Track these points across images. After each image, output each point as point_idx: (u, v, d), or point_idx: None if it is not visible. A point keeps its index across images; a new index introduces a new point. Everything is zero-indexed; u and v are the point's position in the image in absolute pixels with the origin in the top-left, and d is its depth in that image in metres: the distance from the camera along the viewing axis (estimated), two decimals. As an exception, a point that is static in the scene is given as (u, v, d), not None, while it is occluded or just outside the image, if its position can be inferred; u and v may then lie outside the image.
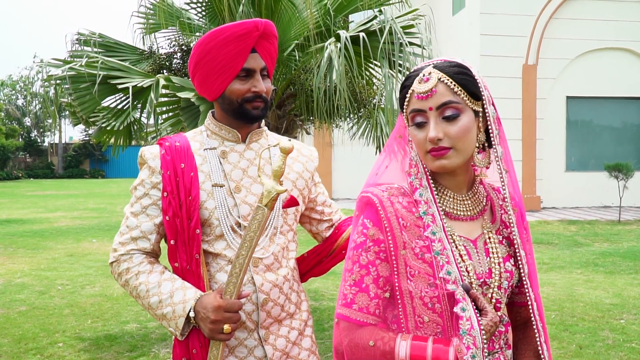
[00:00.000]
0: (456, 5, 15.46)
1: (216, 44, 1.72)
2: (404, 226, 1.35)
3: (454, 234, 1.38)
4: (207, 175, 1.76)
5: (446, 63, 1.36)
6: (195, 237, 1.70)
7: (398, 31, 3.65)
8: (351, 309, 1.35)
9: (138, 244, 1.74)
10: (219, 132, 1.83)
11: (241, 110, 1.77)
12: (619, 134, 15.05)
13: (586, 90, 14.54)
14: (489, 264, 1.38)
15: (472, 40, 14.21)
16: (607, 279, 6.85)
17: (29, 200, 19.17)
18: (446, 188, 1.42)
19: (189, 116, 3.65)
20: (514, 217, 1.40)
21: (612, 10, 14.21)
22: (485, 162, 1.40)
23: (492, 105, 1.38)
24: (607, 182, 12.73)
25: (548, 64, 14.12)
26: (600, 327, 5.05)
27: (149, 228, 1.74)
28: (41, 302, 6.01)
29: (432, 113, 1.34)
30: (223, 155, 1.80)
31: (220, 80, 1.75)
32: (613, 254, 8.35)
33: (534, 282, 1.41)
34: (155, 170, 1.76)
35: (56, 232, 11.21)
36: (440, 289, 1.30)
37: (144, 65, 4.74)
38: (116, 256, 1.75)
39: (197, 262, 1.71)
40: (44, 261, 8.32)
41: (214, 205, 1.73)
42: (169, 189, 1.71)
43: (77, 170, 38.46)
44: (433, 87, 1.33)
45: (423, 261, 1.33)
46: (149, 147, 1.83)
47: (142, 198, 1.76)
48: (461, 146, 1.34)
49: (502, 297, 1.39)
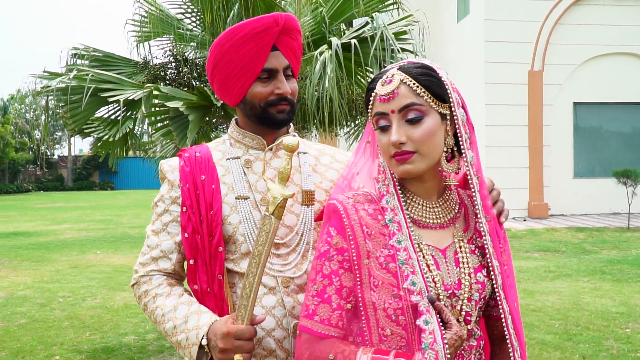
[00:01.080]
0: (460, 12, 15.41)
1: (233, 44, 1.57)
2: (368, 234, 1.30)
3: (422, 242, 1.32)
4: (230, 187, 1.62)
5: (411, 64, 1.32)
6: (218, 256, 1.55)
7: (390, 37, 3.61)
8: (313, 320, 1.30)
9: (159, 265, 1.61)
10: (243, 139, 1.69)
11: (265, 114, 1.61)
12: (628, 140, 14.87)
13: (593, 96, 14.38)
14: (459, 274, 1.31)
15: (477, 46, 14.13)
16: (614, 287, 6.74)
17: (37, 212, 19.27)
18: (415, 195, 1.37)
19: (178, 126, 3.63)
20: (486, 225, 1.34)
21: (618, 15, 14.08)
22: (453, 167, 1.34)
23: (462, 108, 1.33)
24: (615, 188, 12.55)
25: (554, 70, 14.00)
26: (605, 336, 4.95)
27: (170, 247, 1.61)
28: (41, 314, 6.00)
29: (394, 116, 1.29)
30: (247, 164, 1.65)
31: (240, 83, 1.60)
32: (621, 262, 8.22)
33: (509, 294, 1.34)
34: (174, 184, 1.63)
35: (61, 244, 11.23)
36: (405, 300, 1.24)
37: (140, 77, 4.74)
38: (136, 278, 1.63)
39: (220, 283, 1.55)
40: (48, 273, 8.32)
41: (238, 220, 1.58)
42: (188, 203, 1.58)
43: (86, 182, 38.68)
44: (395, 89, 1.29)
45: (387, 271, 1.27)
46: (168, 160, 1.71)
47: (162, 215, 1.63)
48: (425, 150, 1.28)
49: (473, 309, 1.32)
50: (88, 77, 3.78)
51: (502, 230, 1.41)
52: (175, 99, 3.61)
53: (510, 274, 1.38)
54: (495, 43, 13.69)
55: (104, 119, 4.38)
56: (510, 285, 1.36)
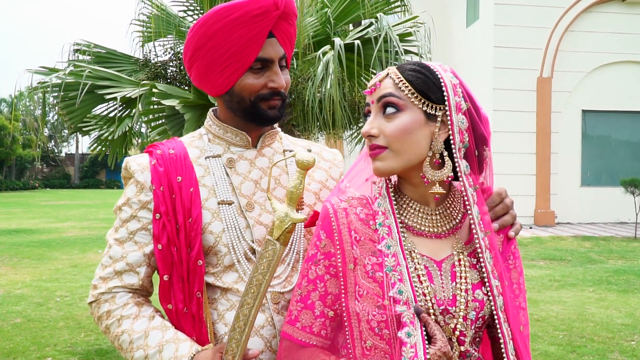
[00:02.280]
0: (470, 17, 15.31)
1: (222, 27, 1.36)
2: (356, 240, 1.21)
3: (414, 250, 1.22)
4: (210, 190, 1.42)
5: (409, 63, 1.25)
6: (197, 270, 1.35)
7: (394, 39, 3.52)
8: (294, 327, 1.22)
9: (123, 280, 1.38)
10: (223, 135, 1.48)
11: (254, 110, 1.42)
12: (636, 149, 14.72)
13: (602, 104, 14.26)
14: (454, 290, 1.20)
15: (486, 52, 14.03)
16: (619, 298, 6.62)
17: (41, 210, 19.29)
18: (410, 199, 1.27)
19: (174, 125, 3.55)
20: (486, 240, 1.23)
21: (628, 23, 13.95)
22: (438, 175, 1.22)
23: (465, 115, 1.22)
24: (623, 197, 12.41)
25: (563, 77, 13.88)
26: (609, 348, 4.84)
27: (137, 259, 1.39)
28: (37, 314, 5.93)
29: (373, 107, 1.23)
30: (230, 164, 1.45)
31: (228, 72, 1.39)
32: (627, 272, 8.09)
33: (513, 316, 1.22)
34: (144, 186, 1.40)
35: (63, 242, 11.19)
36: (389, 310, 1.14)
37: (140, 75, 4.68)
38: (96, 295, 1.39)
39: (199, 302, 1.35)
40: (47, 272, 8.26)
41: (221, 228, 1.38)
42: (163, 209, 1.36)
43: (93, 180, 38.85)
44: (378, 81, 1.23)
45: (373, 280, 1.18)
46: (135, 157, 1.47)
47: (128, 221, 1.41)
48: (398, 147, 1.19)
49: (469, 329, 1.20)
50: (85, 74, 3.70)
51: (513, 246, 1.30)
52: (172, 97, 3.52)
53: (519, 294, 1.26)
54: (504, 49, 13.59)
55: (102, 116, 4.31)
56: (516, 306, 1.24)
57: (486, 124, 1.27)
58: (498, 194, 1.34)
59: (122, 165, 1.49)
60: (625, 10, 13.99)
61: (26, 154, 34.78)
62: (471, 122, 1.23)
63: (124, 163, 1.48)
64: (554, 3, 13.60)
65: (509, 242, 1.30)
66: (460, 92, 1.23)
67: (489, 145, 1.27)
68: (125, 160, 1.48)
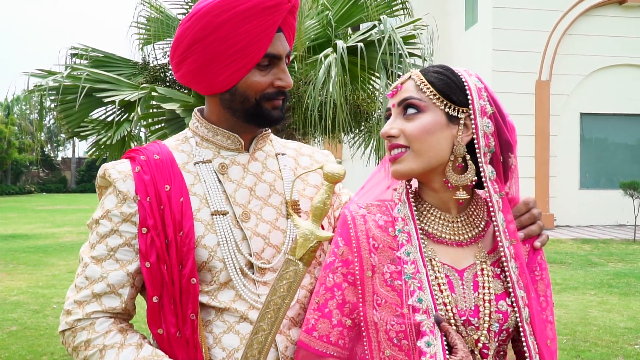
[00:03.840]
0: (468, 21, 15.33)
1: (232, 17, 1.23)
2: (374, 247, 1.17)
3: (435, 258, 1.17)
4: (202, 199, 1.29)
5: (433, 65, 1.22)
6: (190, 290, 1.21)
7: (397, 41, 3.48)
8: (311, 336, 1.17)
9: (103, 303, 1.22)
10: (213, 138, 1.35)
11: (258, 110, 1.30)
12: (634, 152, 14.75)
13: (600, 107, 14.28)
14: (477, 300, 1.16)
15: (485, 55, 14.04)
16: (621, 301, 6.59)
17: (37, 215, 19.16)
18: (431, 206, 1.22)
19: (174, 129, 3.49)
20: (511, 249, 1.18)
21: (626, 26, 13.99)
22: (461, 180, 1.18)
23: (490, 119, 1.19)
24: (622, 200, 12.41)
25: (561, 80, 13.90)
26: (614, 352, 4.81)
27: (120, 279, 1.23)
28: (34, 321, 5.86)
29: (394, 110, 1.20)
30: (222, 169, 1.33)
31: (233, 68, 1.26)
32: (628, 275, 8.07)
33: (538, 329, 1.16)
34: (127, 197, 1.25)
35: (60, 248, 11.09)
36: (408, 319, 1.10)
37: (139, 78, 4.62)
38: (70, 322, 1.22)
39: (193, 325, 1.22)
40: (44, 278, 8.17)
41: (215, 242, 1.25)
42: (151, 222, 1.22)
43: (90, 184, 38.62)
44: (400, 83, 1.20)
45: (392, 288, 1.14)
46: (115, 164, 1.31)
47: (108, 236, 1.25)
48: (418, 147, 1.16)
49: (492, 342, 1.15)
50: (83, 76, 3.63)
51: (539, 257, 1.26)
52: (172, 100, 3.46)
53: (547, 307, 1.22)
54: (503, 52, 13.60)
55: (100, 120, 4.25)
56: (544, 319, 1.20)
57: (512, 131, 1.24)
58: (525, 203, 1.30)
59: (99, 173, 1.32)
60: (623, 13, 14.03)
61: (22, 158, 34.66)
62: (496, 127, 1.20)
63: (101, 170, 1.31)
64: (552, 6, 13.62)
65: (535, 253, 1.26)
66: (485, 96, 1.20)
67: (514, 152, 1.23)
68: (103, 167, 1.31)
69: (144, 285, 1.27)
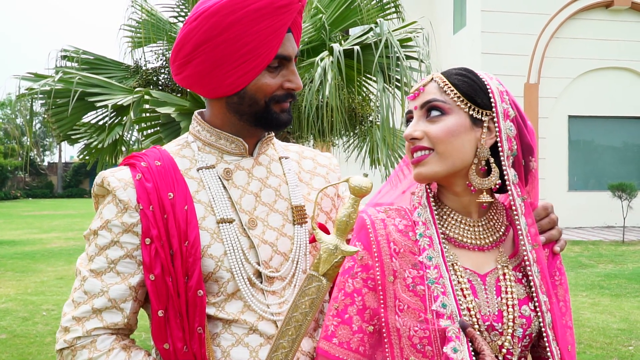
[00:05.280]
0: (457, 24, 15.40)
1: (242, 17, 1.17)
2: (395, 252, 1.15)
3: (457, 263, 1.16)
4: (207, 206, 1.24)
5: (454, 69, 1.20)
6: (197, 302, 1.16)
7: (395, 44, 3.46)
8: (331, 342, 1.14)
9: (104, 319, 1.16)
10: (216, 142, 1.30)
11: (267, 114, 1.25)
12: (622, 154, 14.88)
13: (588, 109, 14.39)
14: (500, 305, 1.14)
15: (474, 59, 14.10)
16: (613, 302, 6.63)
17: (24, 220, 18.93)
18: (451, 210, 1.20)
19: (169, 133, 3.44)
20: (533, 253, 1.17)
21: (613, 29, 14.13)
22: (485, 183, 1.17)
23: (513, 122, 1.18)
24: (610, 201, 12.52)
25: (550, 83, 13.99)
26: (608, 354, 4.83)
27: (122, 293, 1.18)
28: (23, 329, 5.76)
29: (416, 112, 1.18)
30: (227, 175, 1.28)
31: (243, 70, 1.21)
32: (618, 276, 8.13)
33: (561, 335, 1.15)
34: (128, 206, 1.19)
35: (48, 254, 10.94)
36: (432, 325, 1.08)
37: (131, 82, 4.57)
38: (70, 340, 1.15)
39: (201, 339, 1.16)
40: (32, 285, 8.05)
41: (222, 251, 1.21)
42: (155, 232, 1.16)
43: (76, 189, 38.32)
44: (422, 86, 1.18)
45: (414, 294, 1.12)
46: (114, 171, 1.25)
47: (108, 248, 1.19)
48: (443, 149, 1.14)
49: (516, 347, 1.14)
50: (75, 80, 3.57)
51: (558, 261, 1.25)
52: (167, 104, 3.41)
53: (566, 312, 1.20)
54: (491, 55, 13.67)
55: (92, 124, 4.19)
56: (564, 324, 1.18)
57: (532, 134, 1.23)
58: (544, 208, 1.28)
59: (96, 181, 1.25)
60: (609, 17, 14.16)
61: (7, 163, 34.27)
62: (518, 131, 1.19)
63: (98, 179, 1.25)
64: (540, 10, 13.72)
65: (554, 258, 1.25)
66: (507, 99, 1.19)
67: (534, 155, 1.22)
68: (101, 175, 1.25)
69: (146, 299, 1.23)
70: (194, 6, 1.27)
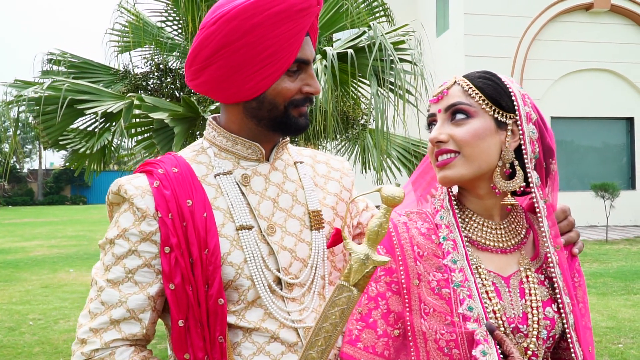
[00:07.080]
0: (440, 27, 15.50)
1: (264, 20, 1.15)
2: (419, 255, 1.14)
3: (480, 266, 1.16)
4: (226, 213, 1.21)
5: (476, 72, 1.21)
6: (218, 311, 1.14)
7: (388, 47, 3.46)
8: (355, 347, 1.13)
9: (123, 331, 1.14)
10: (232, 147, 1.27)
11: (285, 118, 1.23)
12: (602, 154, 15.10)
13: (570, 110, 14.58)
14: (524, 307, 1.14)
15: (457, 61, 14.21)
16: (600, 301, 6.70)
17: (5, 228, 18.63)
18: (474, 213, 1.20)
19: (162, 139, 3.39)
20: (556, 255, 1.17)
21: (594, 32, 14.34)
22: (510, 186, 1.17)
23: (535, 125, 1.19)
24: (593, 201, 12.67)
25: (532, 85, 14.13)
26: (598, 352, 4.88)
27: (140, 303, 1.15)
28: (10, 339, 5.65)
29: (440, 115, 1.17)
30: (245, 181, 1.25)
31: (263, 75, 1.18)
32: (603, 275, 8.23)
33: (583, 336, 1.16)
34: (146, 214, 1.16)
35: (31, 262, 10.76)
36: (459, 328, 1.07)
37: (119, 86, 4.51)
38: (88, 353, 1.13)
39: (222, 349, 1.14)
40: (17, 294, 7.91)
41: (242, 258, 1.18)
42: (174, 240, 1.14)
43: (57, 196, 37.79)
44: (446, 89, 1.18)
45: (440, 297, 1.11)
46: (131, 179, 1.22)
47: (125, 257, 1.16)
48: (469, 152, 1.13)
49: (540, 349, 1.14)
50: (63, 87, 3.51)
51: (577, 263, 1.26)
52: (160, 109, 3.36)
53: (585, 313, 1.21)
54: (474, 58, 13.78)
55: (81, 130, 4.13)
56: (585, 325, 1.19)
57: (552, 137, 1.24)
58: (562, 211, 1.30)
59: (111, 189, 1.23)
60: (589, 19, 14.37)
61: (-14, 170, 33.77)
62: (539, 133, 1.20)
63: (114, 186, 1.22)
64: (522, 13, 13.88)
65: (573, 260, 1.26)
66: (528, 102, 1.20)
67: (554, 157, 1.23)
68: (117, 182, 1.22)
69: (164, 308, 1.21)
70: (210, 10, 1.23)
